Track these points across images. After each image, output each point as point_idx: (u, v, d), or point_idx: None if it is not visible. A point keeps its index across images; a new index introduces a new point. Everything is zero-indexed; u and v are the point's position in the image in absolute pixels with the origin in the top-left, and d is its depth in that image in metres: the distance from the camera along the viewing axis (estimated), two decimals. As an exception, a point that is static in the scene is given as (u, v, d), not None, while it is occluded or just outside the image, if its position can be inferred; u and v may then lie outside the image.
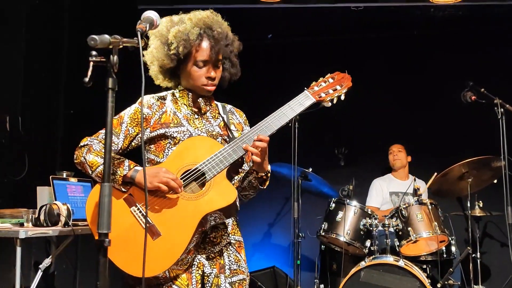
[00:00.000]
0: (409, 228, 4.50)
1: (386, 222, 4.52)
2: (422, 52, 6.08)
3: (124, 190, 2.27)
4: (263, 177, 2.38)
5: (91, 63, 1.70)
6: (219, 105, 2.54)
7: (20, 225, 3.19)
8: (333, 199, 4.80)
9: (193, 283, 2.31)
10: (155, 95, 2.47)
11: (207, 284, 2.34)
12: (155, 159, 2.38)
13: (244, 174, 2.44)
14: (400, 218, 4.56)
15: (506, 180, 4.09)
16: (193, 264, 2.33)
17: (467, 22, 5.83)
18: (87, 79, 1.68)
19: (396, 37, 6.14)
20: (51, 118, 4.90)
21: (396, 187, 5.51)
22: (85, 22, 5.01)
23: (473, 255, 4.76)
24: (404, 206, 4.59)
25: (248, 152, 2.27)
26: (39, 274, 3.05)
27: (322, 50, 6.20)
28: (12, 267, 2.91)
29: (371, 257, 4.39)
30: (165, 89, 2.53)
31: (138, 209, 2.24)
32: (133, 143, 2.38)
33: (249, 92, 5.76)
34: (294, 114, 2.35)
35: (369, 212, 4.68)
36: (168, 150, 2.36)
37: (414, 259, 4.70)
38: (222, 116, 2.49)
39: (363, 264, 4.24)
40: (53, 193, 3.51)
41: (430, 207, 4.53)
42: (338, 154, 5.99)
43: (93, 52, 1.72)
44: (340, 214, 4.66)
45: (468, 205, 4.74)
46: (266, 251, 6.18)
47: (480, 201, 4.84)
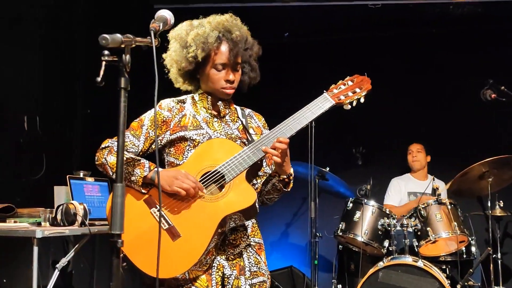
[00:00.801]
0: (428, 228, 4.45)
1: (405, 222, 4.47)
2: (441, 50, 6.00)
3: (144, 192, 2.28)
4: (286, 180, 2.37)
5: (103, 63, 1.69)
6: (238, 109, 2.54)
7: (38, 225, 3.21)
8: (351, 199, 4.77)
9: (213, 285, 2.30)
10: (175, 99, 2.48)
11: (227, 286, 2.34)
12: (175, 162, 2.39)
13: (267, 177, 2.43)
14: (419, 218, 4.51)
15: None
16: (213, 266, 2.32)
17: (487, 20, 5.74)
18: (99, 79, 1.67)
19: (415, 35, 6.07)
20: (69, 118, 4.94)
21: (415, 187, 5.44)
22: (101, 22, 5.03)
23: (494, 256, 4.68)
24: (423, 206, 4.54)
25: (269, 155, 2.26)
26: (56, 274, 3.06)
27: (339, 49, 6.14)
28: (30, 266, 2.92)
29: (390, 257, 4.35)
30: (185, 93, 2.54)
31: (158, 210, 2.24)
32: (154, 146, 2.39)
33: (266, 92, 5.73)
34: (314, 117, 2.34)
35: (387, 212, 4.64)
36: (188, 153, 2.36)
37: (433, 260, 4.64)
38: (241, 120, 2.49)
39: (381, 265, 4.20)
40: (70, 193, 3.52)
41: (450, 207, 4.48)
42: (356, 154, 5.93)
43: (105, 52, 1.71)
44: (358, 214, 4.62)
45: (489, 205, 4.65)
46: (284, 251, 6.16)
47: (501, 201, 4.75)
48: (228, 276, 2.34)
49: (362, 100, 2.44)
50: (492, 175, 4.59)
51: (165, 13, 2.07)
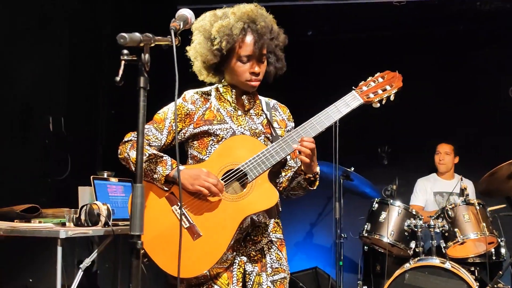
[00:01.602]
0: (456, 229, 4.37)
1: (432, 223, 4.40)
2: (469, 48, 5.91)
3: (166, 189, 2.26)
4: (311, 178, 2.33)
5: (123, 62, 1.68)
6: (263, 101, 2.49)
7: (62, 225, 3.22)
8: (376, 199, 4.72)
9: (234, 282, 2.29)
10: (199, 90, 2.45)
11: (249, 283, 2.32)
12: (198, 156, 2.36)
13: (293, 175, 2.40)
14: (446, 219, 4.43)
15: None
16: (234, 263, 2.31)
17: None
18: (119, 78, 1.65)
19: (441, 32, 5.97)
20: (93, 119, 4.97)
21: (441, 187, 5.35)
22: (126, 23, 5.05)
23: (524, 257, 4.59)
24: (450, 207, 4.46)
25: (295, 150, 2.22)
26: (80, 274, 3.06)
27: (364, 47, 6.10)
28: (55, 266, 2.94)
29: (416, 259, 4.28)
30: (209, 85, 2.50)
31: (180, 208, 2.22)
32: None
33: (292, 91, 5.71)
34: (341, 116, 2.28)
35: (414, 213, 4.57)
36: (211, 147, 2.34)
37: (461, 261, 4.55)
38: (265, 113, 2.44)
39: (408, 266, 4.14)
40: (94, 193, 3.53)
41: (478, 208, 4.40)
42: (381, 153, 5.86)
43: (125, 51, 1.69)
44: (383, 215, 4.57)
45: (518, 205, 4.56)
46: (308, 251, 6.13)
47: (531, 201, 4.65)
48: (250, 273, 2.32)
49: (392, 98, 2.37)
50: (522, 175, 4.49)
51: (186, 12, 2.05)
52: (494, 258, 4.56)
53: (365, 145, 6.05)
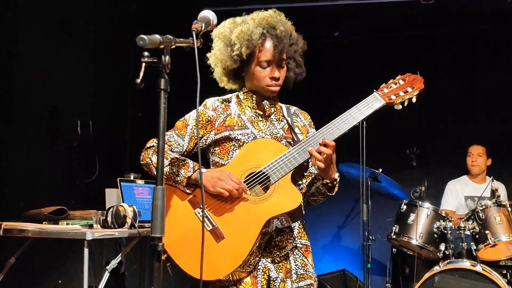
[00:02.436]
0: (487, 231, 4.28)
1: (462, 225, 4.32)
2: (499, 47, 5.79)
3: (188, 192, 2.27)
4: (329, 184, 2.31)
5: (143, 64, 1.68)
6: (284, 107, 2.50)
7: (89, 227, 3.25)
8: (404, 201, 4.66)
9: None
10: (220, 98, 2.47)
11: None
12: (220, 162, 2.37)
13: (312, 179, 2.38)
14: (477, 221, 4.35)
15: None
16: (258, 268, 2.29)
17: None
18: (139, 80, 1.66)
19: (470, 31, 5.87)
20: (120, 122, 5.02)
21: (472, 191, 5.24)
22: (150, 26, 5.09)
23: (558, 260, 4.46)
24: (481, 208, 4.36)
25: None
26: (106, 275, 3.09)
27: (390, 47, 6.04)
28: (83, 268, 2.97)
29: (446, 262, 4.22)
30: (230, 92, 2.52)
31: (202, 210, 2.22)
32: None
33: (315, 92, 5.68)
34: (363, 117, 2.27)
35: (443, 215, 4.50)
36: (233, 153, 2.34)
37: (493, 264, 4.45)
38: (287, 119, 2.44)
39: (438, 269, 4.09)
40: (121, 195, 3.57)
41: (510, 209, 4.30)
42: (410, 154, 5.76)
43: (145, 53, 1.70)
44: (412, 217, 4.52)
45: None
46: (336, 254, 6.09)
47: None
48: (274, 279, 2.30)
49: (414, 100, 2.35)
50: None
51: (208, 14, 2.05)
52: (528, 261, 4.47)
53: (393, 146, 5.97)
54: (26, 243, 3.21)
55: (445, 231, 4.36)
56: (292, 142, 2.39)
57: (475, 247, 4.31)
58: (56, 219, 3.27)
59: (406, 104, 2.34)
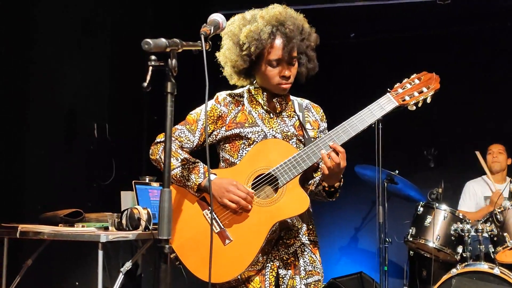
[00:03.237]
0: (505, 234, 4.21)
1: (480, 227, 4.26)
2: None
3: (198, 195, 2.27)
4: (331, 190, 2.30)
5: (150, 68, 1.69)
6: (295, 102, 2.47)
7: (105, 229, 3.28)
8: (421, 203, 4.60)
9: (266, 286, 2.27)
10: (232, 92, 2.45)
11: (282, 286, 2.30)
12: (230, 159, 2.36)
13: (319, 180, 2.37)
14: (495, 223, 4.28)
15: None
16: (266, 266, 2.29)
17: None
18: (146, 84, 1.67)
19: (487, 30, 5.79)
20: (137, 125, 5.06)
21: (491, 192, 5.16)
22: (167, 30, 5.11)
23: None
24: (499, 210, 4.30)
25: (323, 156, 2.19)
26: (121, 277, 3.10)
27: (406, 47, 5.98)
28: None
29: (464, 264, 4.17)
30: (241, 86, 2.50)
31: (210, 213, 2.22)
32: (209, 140, 2.35)
33: (331, 93, 5.66)
34: (374, 119, 2.24)
35: (461, 217, 4.44)
36: (243, 151, 2.33)
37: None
38: (298, 115, 2.42)
39: (455, 272, 4.05)
40: (136, 198, 3.59)
41: (529, 212, 4.22)
42: (427, 155, 5.69)
43: (152, 57, 1.70)
44: (429, 219, 4.46)
45: None
46: (353, 256, 6.05)
47: None
48: (283, 276, 2.30)
49: (429, 100, 2.30)
50: None
51: (217, 17, 2.06)
52: (547, 264, 4.39)
53: (410, 147, 5.92)
54: (43, 245, 3.25)
55: (463, 234, 4.30)
56: (303, 139, 2.37)
57: (493, 250, 4.24)
58: (72, 222, 3.30)
59: (421, 105, 2.30)
